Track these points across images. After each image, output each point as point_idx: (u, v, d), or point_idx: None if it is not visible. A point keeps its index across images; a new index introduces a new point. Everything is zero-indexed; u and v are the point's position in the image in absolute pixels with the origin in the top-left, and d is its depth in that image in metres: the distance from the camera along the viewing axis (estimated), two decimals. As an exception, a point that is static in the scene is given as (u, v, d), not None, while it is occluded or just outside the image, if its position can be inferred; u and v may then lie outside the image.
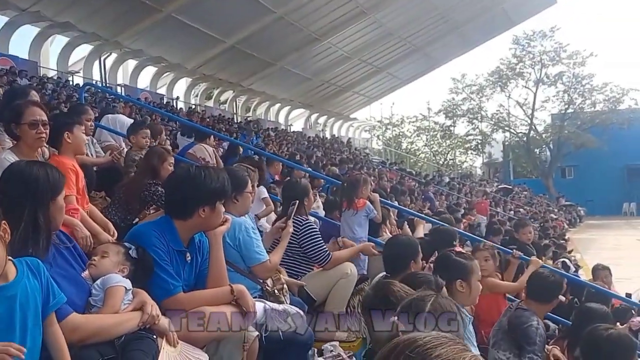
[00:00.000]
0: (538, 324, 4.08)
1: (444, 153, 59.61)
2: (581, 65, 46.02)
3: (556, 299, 4.38)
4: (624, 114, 44.66)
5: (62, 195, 2.49)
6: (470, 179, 38.26)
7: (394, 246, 4.28)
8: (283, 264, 4.40)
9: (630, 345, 3.60)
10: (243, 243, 3.65)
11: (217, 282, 3.00)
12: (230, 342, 2.95)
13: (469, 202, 15.49)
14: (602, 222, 35.97)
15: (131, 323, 2.43)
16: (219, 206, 2.99)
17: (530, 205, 31.95)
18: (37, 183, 2.37)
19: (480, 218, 14.74)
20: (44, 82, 19.23)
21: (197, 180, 2.94)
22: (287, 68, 32.92)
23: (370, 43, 34.24)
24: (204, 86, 33.49)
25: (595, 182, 45.61)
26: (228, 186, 3.07)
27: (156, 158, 4.85)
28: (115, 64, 27.06)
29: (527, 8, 38.91)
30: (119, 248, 2.72)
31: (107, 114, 7.69)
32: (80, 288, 2.49)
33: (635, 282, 9.92)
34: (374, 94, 45.51)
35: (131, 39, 25.55)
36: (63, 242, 2.53)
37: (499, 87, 48.17)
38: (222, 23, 26.10)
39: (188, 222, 2.94)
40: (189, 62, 29.16)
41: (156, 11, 23.70)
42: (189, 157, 7.33)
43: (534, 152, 50.11)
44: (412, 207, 11.82)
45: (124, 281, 2.57)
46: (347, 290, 4.61)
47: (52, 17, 22.89)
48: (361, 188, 5.96)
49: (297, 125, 42.21)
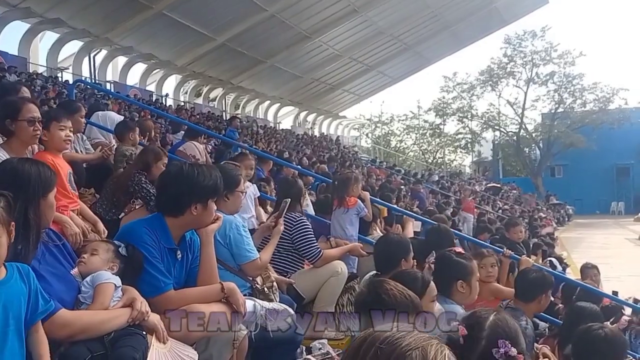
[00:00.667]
0: (527, 324, 4.09)
1: (433, 151, 59.76)
2: (571, 64, 46.32)
3: (542, 296, 4.33)
4: (614, 114, 44.94)
5: (54, 193, 2.52)
6: (460, 178, 38.37)
7: (385, 244, 4.30)
8: (273, 261, 4.42)
9: (623, 344, 3.63)
10: (234, 241, 3.65)
11: (207, 280, 3.01)
12: (220, 340, 2.97)
13: (457, 200, 15.50)
14: (591, 221, 36.20)
15: (120, 319, 2.44)
16: (211, 204, 3.00)
17: (519, 203, 32.10)
18: (29, 180, 2.38)
19: (467, 216, 14.78)
20: (33, 78, 19.07)
21: (189, 177, 2.94)
22: (278, 66, 32.82)
23: (362, 41, 34.24)
24: (194, 83, 33.36)
25: (584, 182, 46.10)
26: (220, 184, 3.07)
27: (152, 156, 4.87)
28: (105, 61, 26.96)
29: (519, 7, 39.08)
30: (108, 246, 2.72)
31: (96, 111, 7.62)
32: (69, 285, 2.49)
33: (623, 280, 10.03)
34: (364, 92, 45.47)
35: (121, 36, 25.45)
36: (52, 240, 2.53)
37: (490, 86, 48.32)
38: (213, 20, 26.10)
39: (180, 219, 2.94)
40: (179, 59, 29.05)
41: (147, 8, 23.64)
42: (179, 154, 7.32)
43: (523, 151, 50.29)
44: (400, 205, 11.87)
45: (113, 278, 2.57)
46: (337, 288, 4.64)
47: (43, 14, 22.77)
48: (352, 186, 5.96)
49: (286, 123, 42.26)
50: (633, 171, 47.76)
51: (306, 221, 4.90)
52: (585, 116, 45.87)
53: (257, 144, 18.77)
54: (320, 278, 4.62)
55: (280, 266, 4.65)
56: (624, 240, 24.88)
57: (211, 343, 2.97)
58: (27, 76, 19.15)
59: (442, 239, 5.15)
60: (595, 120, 44.76)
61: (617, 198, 46.57)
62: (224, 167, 4.36)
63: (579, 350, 3.59)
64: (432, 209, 10.95)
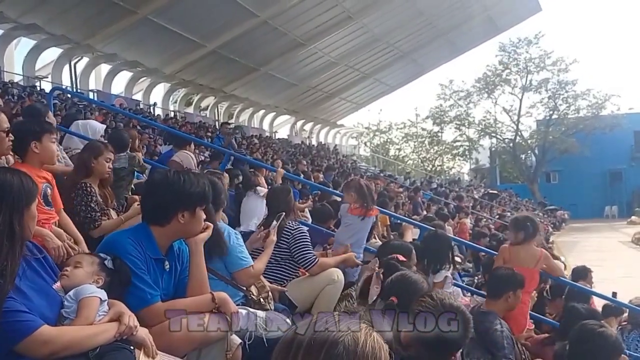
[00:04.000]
0: (502, 327, 4.03)
1: (431, 159, 59.89)
2: (565, 71, 46.74)
3: (509, 293, 4.26)
4: (606, 120, 45.49)
5: (35, 204, 2.40)
6: (458, 185, 38.42)
7: (386, 250, 4.27)
8: (269, 270, 4.38)
9: (619, 342, 3.64)
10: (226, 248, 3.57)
11: (197, 291, 2.90)
12: (212, 350, 2.85)
13: (457, 207, 15.38)
14: (585, 225, 36.78)
15: (107, 335, 2.33)
16: (199, 212, 2.88)
17: (516, 209, 32.11)
18: (12, 190, 2.27)
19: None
20: (8, 87, 18.27)
21: (175, 184, 2.83)
22: (272, 73, 32.41)
23: (357, 49, 34.13)
24: (184, 92, 32.70)
25: (579, 187, 46.82)
26: (209, 192, 2.96)
27: (88, 154, 4.36)
28: (87, 69, 25.81)
29: (512, 15, 39.20)
30: (93, 258, 2.61)
31: (76, 120, 7.18)
32: (52, 300, 2.38)
33: (617, 282, 10.23)
34: (361, 101, 45.35)
35: (104, 42, 24.35)
36: (33, 254, 2.42)
37: (486, 94, 48.59)
38: (203, 27, 25.37)
39: (166, 228, 2.84)
40: (167, 67, 28.20)
41: (131, 13, 22.61)
42: (173, 165, 7.16)
43: (519, 158, 50.68)
44: (400, 212, 11.86)
45: (98, 292, 2.46)
46: (334, 296, 4.57)
47: (17, 18, 21.51)
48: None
49: (283, 132, 41.86)
50: (625, 176, 48.61)
51: (303, 229, 4.88)
52: (579, 122, 46.39)
53: (252, 154, 18.60)
54: (317, 286, 4.55)
55: (276, 275, 4.60)
56: (617, 243, 25.43)
57: (203, 354, 2.85)
58: (2, 85, 18.37)
59: (440, 244, 5.10)
60: (588, 126, 45.40)
61: (610, 202, 47.35)
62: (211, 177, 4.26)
63: (574, 345, 3.57)
64: (431, 216, 10.85)
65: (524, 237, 5.04)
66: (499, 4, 35.97)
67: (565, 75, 46.98)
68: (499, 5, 36.21)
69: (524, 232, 5.04)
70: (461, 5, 33.65)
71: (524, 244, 5.04)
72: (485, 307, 4.31)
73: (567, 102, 47.65)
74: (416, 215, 12.82)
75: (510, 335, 4.07)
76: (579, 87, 47.37)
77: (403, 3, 30.68)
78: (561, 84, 47.20)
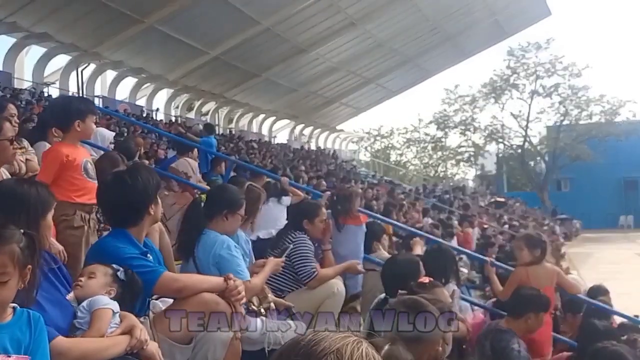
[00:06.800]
0: (519, 346, 3.98)
1: (434, 165, 59.47)
2: (577, 76, 45.88)
3: (531, 315, 4.20)
4: (621, 126, 44.35)
5: (51, 214, 2.50)
6: (463, 192, 38.00)
7: (394, 265, 4.18)
8: (269, 281, 4.29)
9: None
10: (224, 260, 3.56)
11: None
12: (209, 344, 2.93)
13: (461, 215, 15.19)
14: (599, 235, 35.09)
15: (119, 347, 2.36)
16: (157, 198, 3.10)
17: (525, 218, 31.79)
18: (29, 200, 2.36)
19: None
20: (17, 93, 18.71)
21: (135, 186, 2.98)
22: (273, 79, 32.42)
23: (360, 54, 33.99)
24: (185, 97, 32.74)
25: (592, 195, 45.32)
26: (154, 180, 3.10)
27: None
28: (93, 75, 26.19)
29: (520, 19, 38.94)
30: (106, 269, 2.64)
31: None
32: (65, 311, 2.42)
33: (634, 297, 9.83)
34: (362, 105, 45.01)
35: (111, 50, 24.88)
36: (48, 263, 2.45)
37: (493, 99, 48.03)
38: (206, 34, 25.74)
39: (140, 225, 3.01)
40: (170, 74, 28.50)
41: (138, 22, 23.15)
42: (171, 171, 7.18)
43: (528, 165, 49.88)
44: (403, 221, 11.62)
45: (111, 303, 2.49)
46: (335, 309, 4.48)
47: (29, 28, 22.09)
48: (354, 202, 5.84)
49: (282, 137, 41.45)
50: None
51: (306, 239, 4.81)
52: (592, 128, 45.35)
53: (249, 157, 18.46)
54: (315, 299, 4.50)
55: (276, 285, 4.56)
56: (633, 255, 23.92)
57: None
58: (12, 91, 18.73)
59: (445, 258, 4.98)
60: (601, 132, 44.16)
61: (625, 212, 45.78)
62: (230, 187, 4.28)
63: None
64: (435, 223, 10.77)
65: (540, 254, 4.93)
66: (506, 8, 35.76)
67: (577, 80, 46.01)
68: (507, 10, 35.99)
69: (541, 250, 4.95)
70: (468, 10, 33.53)
71: (541, 262, 4.94)
72: (504, 325, 4.23)
73: (579, 108, 46.71)
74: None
75: (527, 356, 4.02)
76: (592, 93, 46.18)
77: (408, 9, 30.65)
78: (573, 89, 46.41)
